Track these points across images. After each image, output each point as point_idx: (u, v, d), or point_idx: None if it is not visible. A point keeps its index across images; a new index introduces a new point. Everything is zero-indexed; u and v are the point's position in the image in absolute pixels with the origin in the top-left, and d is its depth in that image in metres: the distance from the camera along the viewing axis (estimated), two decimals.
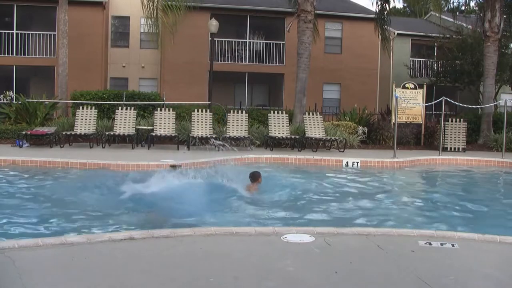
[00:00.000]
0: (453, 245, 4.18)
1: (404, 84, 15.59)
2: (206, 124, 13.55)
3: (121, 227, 5.35)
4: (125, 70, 24.65)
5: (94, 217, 5.70)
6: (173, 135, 13.23)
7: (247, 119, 13.92)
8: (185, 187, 6.97)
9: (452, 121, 15.10)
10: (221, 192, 7.05)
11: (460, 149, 14.71)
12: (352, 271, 3.49)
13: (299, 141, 13.55)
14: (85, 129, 13.21)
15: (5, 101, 14.99)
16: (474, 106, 17.16)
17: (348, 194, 7.83)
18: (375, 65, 24.58)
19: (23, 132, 12.54)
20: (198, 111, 13.80)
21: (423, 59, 25.78)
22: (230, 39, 23.54)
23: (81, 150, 11.98)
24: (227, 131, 13.67)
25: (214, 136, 13.25)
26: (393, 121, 14.07)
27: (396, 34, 24.88)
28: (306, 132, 13.89)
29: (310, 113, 14.50)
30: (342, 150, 13.27)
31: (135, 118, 13.64)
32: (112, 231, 4.88)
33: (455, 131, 14.90)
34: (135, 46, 25.00)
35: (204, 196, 6.55)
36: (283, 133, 13.84)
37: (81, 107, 13.73)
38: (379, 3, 18.85)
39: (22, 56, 21.69)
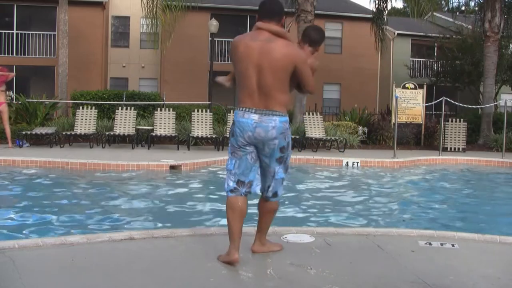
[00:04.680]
0: (453, 245, 4.18)
1: (404, 84, 15.59)
2: (206, 124, 13.55)
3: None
4: (125, 70, 24.66)
5: (94, 217, 5.71)
6: (173, 135, 13.23)
7: None
8: None
9: (452, 121, 15.10)
10: None
11: (460, 149, 14.71)
12: (352, 271, 3.49)
13: (299, 141, 13.55)
14: (85, 129, 13.21)
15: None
16: (474, 106, 17.16)
17: (348, 194, 7.83)
18: (375, 65, 24.58)
19: (23, 132, 12.54)
20: (198, 111, 13.80)
21: (423, 59, 25.79)
22: (230, 39, 23.51)
23: (81, 150, 11.98)
24: (227, 131, 13.67)
25: (214, 136, 13.25)
26: (393, 121, 14.08)
27: (396, 34, 24.89)
28: (306, 132, 13.89)
29: (310, 113, 14.51)
30: (342, 150, 13.27)
31: (135, 118, 13.64)
32: (112, 231, 4.87)
33: (455, 131, 14.90)
34: (135, 46, 25.01)
35: None
36: None
37: (81, 107, 13.73)
38: (377, 2, 18.80)
39: (22, 56, 21.71)
